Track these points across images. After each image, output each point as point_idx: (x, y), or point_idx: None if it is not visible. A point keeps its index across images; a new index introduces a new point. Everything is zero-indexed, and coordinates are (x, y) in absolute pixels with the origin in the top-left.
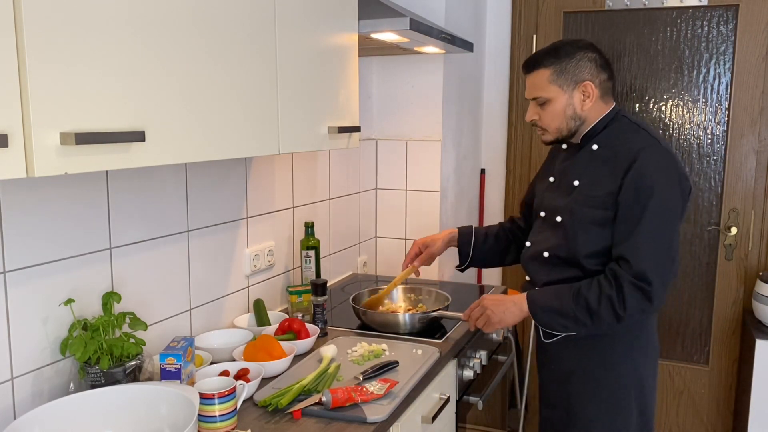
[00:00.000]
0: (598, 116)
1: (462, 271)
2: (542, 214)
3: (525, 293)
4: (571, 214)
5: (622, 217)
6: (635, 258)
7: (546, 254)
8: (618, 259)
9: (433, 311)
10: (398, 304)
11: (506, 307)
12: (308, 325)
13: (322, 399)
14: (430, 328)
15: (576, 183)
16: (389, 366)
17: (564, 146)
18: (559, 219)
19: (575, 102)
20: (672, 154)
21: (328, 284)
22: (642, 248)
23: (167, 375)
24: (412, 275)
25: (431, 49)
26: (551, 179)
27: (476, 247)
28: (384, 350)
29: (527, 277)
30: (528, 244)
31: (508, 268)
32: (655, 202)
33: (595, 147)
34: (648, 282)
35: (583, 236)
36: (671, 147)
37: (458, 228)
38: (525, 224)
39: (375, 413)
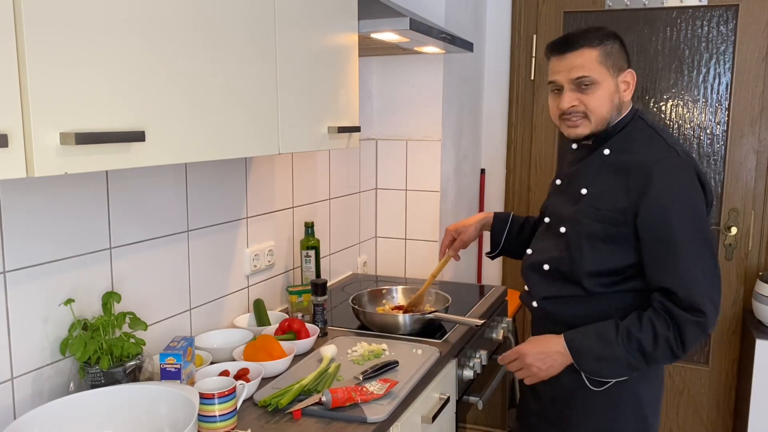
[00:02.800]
0: (623, 112)
1: (492, 258)
2: (546, 220)
3: (563, 337)
4: (575, 226)
5: (651, 244)
6: (683, 289)
7: (546, 267)
8: (662, 290)
9: (430, 312)
10: (402, 304)
11: (553, 359)
12: (308, 325)
13: (322, 399)
14: (430, 329)
15: (584, 191)
16: (389, 366)
17: (574, 146)
18: (563, 230)
19: (621, 90)
20: (690, 164)
21: (328, 284)
22: (688, 276)
23: (167, 375)
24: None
25: (431, 49)
26: (558, 182)
27: (510, 236)
28: (384, 350)
29: (526, 288)
30: (529, 251)
31: (509, 267)
32: (685, 222)
33: (606, 152)
34: (702, 313)
35: (586, 251)
36: (691, 155)
37: (495, 213)
38: None
39: (375, 413)
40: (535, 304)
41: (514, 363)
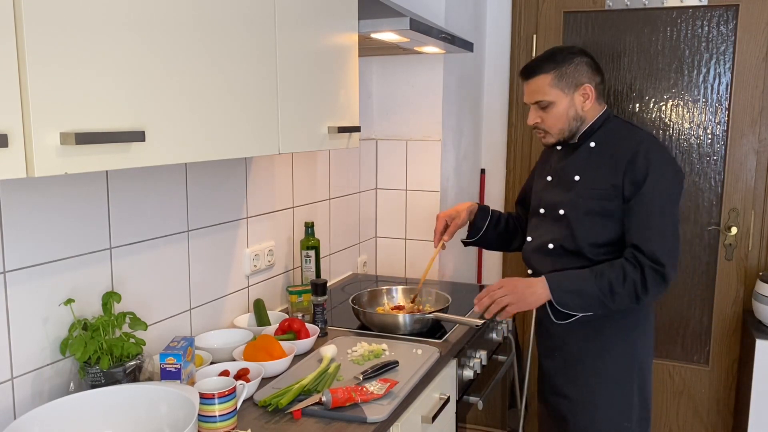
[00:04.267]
0: (594, 116)
1: (466, 244)
2: (542, 211)
3: (543, 276)
4: (574, 206)
5: (631, 209)
6: (648, 244)
7: (551, 245)
8: (633, 246)
9: (431, 312)
10: (402, 304)
11: (534, 288)
12: (308, 325)
13: (322, 399)
14: (429, 329)
15: (577, 178)
16: (389, 366)
17: (558, 147)
18: (561, 212)
19: (576, 104)
20: (666, 146)
21: (328, 284)
22: (653, 235)
23: (167, 375)
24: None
25: (431, 49)
26: (549, 178)
27: (489, 225)
28: (384, 350)
29: (529, 270)
30: (529, 239)
31: (509, 267)
32: (658, 192)
33: (593, 144)
34: (661, 264)
35: (587, 226)
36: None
37: (477, 203)
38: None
39: (375, 413)
40: None
41: (498, 291)
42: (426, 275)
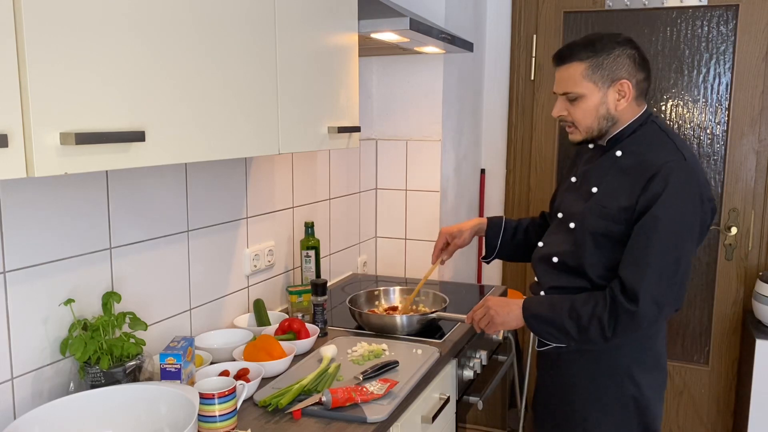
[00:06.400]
0: (630, 118)
1: (487, 262)
2: (560, 215)
3: (523, 298)
4: (582, 223)
5: (633, 235)
6: (633, 280)
7: (555, 259)
8: (618, 278)
9: (432, 312)
10: (397, 305)
11: (510, 309)
12: (308, 325)
13: (322, 399)
14: (429, 329)
15: (594, 190)
16: (389, 366)
17: (591, 146)
18: (572, 225)
19: (609, 101)
20: (696, 171)
21: (328, 284)
22: (642, 269)
23: (167, 375)
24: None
25: (431, 49)
26: (573, 179)
27: (504, 240)
28: (384, 350)
29: (535, 278)
30: (540, 244)
31: (509, 267)
32: (666, 222)
33: (618, 153)
34: (636, 302)
35: (591, 247)
36: (698, 162)
37: (488, 218)
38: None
39: (375, 413)
40: (542, 293)
41: (479, 311)
42: (421, 286)
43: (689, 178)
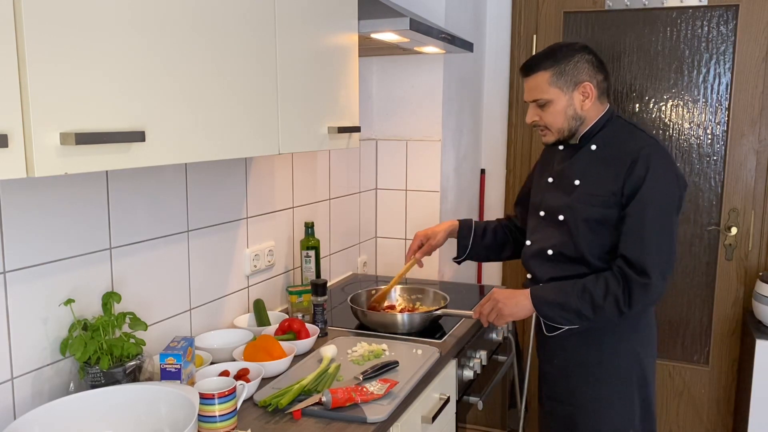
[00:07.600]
0: (596, 116)
1: (459, 263)
2: (542, 213)
3: (528, 288)
4: (573, 213)
5: (625, 216)
6: (637, 255)
7: (550, 252)
8: (622, 257)
9: (436, 309)
10: (397, 304)
11: (518, 299)
12: (308, 325)
13: (322, 399)
14: (429, 328)
15: (577, 182)
16: (389, 366)
17: (561, 147)
18: (561, 217)
19: (575, 103)
20: (669, 154)
21: (328, 284)
22: (644, 246)
23: (167, 375)
24: (415, 267)
25: (431, 49)
26: (550, 180)
27: (475, 241)
28: (384, 350)
29: (528, 276)
30: (528, 242)
31: (508, 267)
32: (655, 201)
33: (593, 147)
34: (648, 276)
35: (586, 234)
36: (666, 146)
37: (459, 220)
38: (521, 224)
39: (375, 413)
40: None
41: (486, 304)
42: (393, 284)
43: (666, 160)
